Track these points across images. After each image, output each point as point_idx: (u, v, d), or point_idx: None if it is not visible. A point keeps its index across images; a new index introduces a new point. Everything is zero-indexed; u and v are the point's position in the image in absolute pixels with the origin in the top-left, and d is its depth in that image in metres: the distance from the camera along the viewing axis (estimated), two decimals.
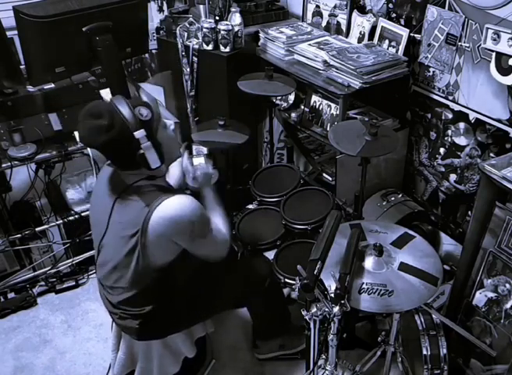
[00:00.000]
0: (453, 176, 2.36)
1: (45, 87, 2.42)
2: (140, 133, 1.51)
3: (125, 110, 1.50)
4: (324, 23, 2.69)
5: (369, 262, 1.61)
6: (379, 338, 1.88)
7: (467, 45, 2.06)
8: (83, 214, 2.62)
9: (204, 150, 2.74)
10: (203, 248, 1.67)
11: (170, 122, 1.71)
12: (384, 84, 2.22)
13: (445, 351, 1.83)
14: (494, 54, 1.94)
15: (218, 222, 1.76)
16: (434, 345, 1.84)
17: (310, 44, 2.45)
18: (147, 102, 1.61)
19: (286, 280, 2.04)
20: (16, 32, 2.17)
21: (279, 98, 2.69)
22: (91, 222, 1.78)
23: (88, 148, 2.46)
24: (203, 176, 1.87)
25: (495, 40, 1.91)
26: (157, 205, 1.53)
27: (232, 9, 2.59)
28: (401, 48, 2.28)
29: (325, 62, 2.31)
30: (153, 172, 1.62)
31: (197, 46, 2.67)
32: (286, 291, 2.31)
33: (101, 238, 1.67)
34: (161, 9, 3.65)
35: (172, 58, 2.80)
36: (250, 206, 2.47)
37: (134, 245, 1.56)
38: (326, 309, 1.41)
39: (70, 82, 2.45)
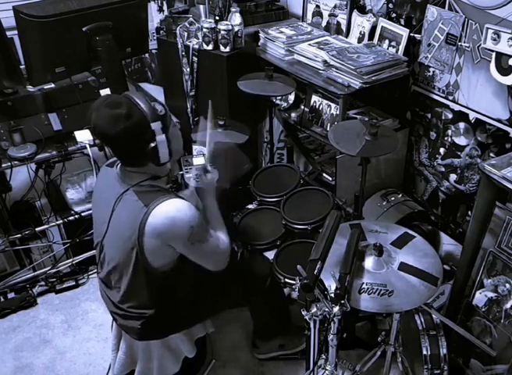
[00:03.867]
0: (453, 176, 2.36)
1: (45, 87, 2.42)
2: (157, 125, 1.53)
3: (142, 102, 1.53)
4: (324, 23, 2.69)
5: (369, 262, 1.61)
6: (379, 338, 1.88)
7: (467, 45, 2.06)
8: (83, 214, 2.62)
9: (205, 150, 2.74)
10: (202, 254, 1.66)
11: (176, 123, 1.72)
12: (384, 84, 2.22)
13: (445, 351, 1.84)
14: (494, 54, 1.93)
15: (219, 230, 1.75)
16: (434, 345, 1.84)
17: (310, 44, 2.45)
18: (159, 101, 1.62)
19: (286, 280, 2.04)
20: (16, 32, 2.17)
21: (279, 98, 2.69)
22: (94, 222, 1.79)
23: (88, 148, 2.46)
24: (205, 179, 1.87)
25: (495, 40, 1.91)
26: (155, 205, 1.53)
27: (232, 9, 2.59)
28: (401, 48, 2.28)
29: (325, 62, 2.31)
30: (158, 170, 1.63)
31: (197, 46, 2.67)
32: (286, 290, 2.31)
33: (102, 238, 1.67)
34: (161, 9, 3.65)
35: (172, 58, 2.80)
36: (250, 206, 2.47)
37: (132, 246, 1.56)
38: (326, 309, 1.41)
39: (70, 82, 2.45)
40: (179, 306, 1.77)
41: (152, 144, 1.54)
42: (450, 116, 2.26)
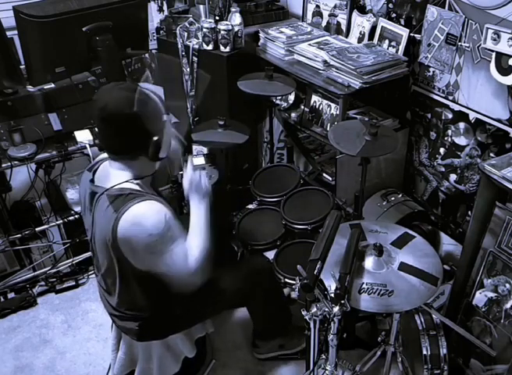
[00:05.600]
0: (453, 176, 2.36)
1: (45, 87, 2.42)
2: (168, 117, 1.54)
3: (156, 95, 1.55)
4: (324, 23, 2.69)
5: (369, 262, 1.61)
6: (379, 338, 1.88)
7: (467, 45, 2.06)
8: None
9: (205, 150, 2.74)
10: (161, 266, 1.55)
11: (176, 121, 1.71)
12: (384, 84, 2.22)
13: (445, 351, 1.83)
14: (494, 54, 1.93)
15: (193, 246, 1.60)
16: (434, 345, 1.84)
17: (310, 44, 2.45)
18: None
19: (286, 280, 2.04)
20: (16, 32, 2.17)
21: (279, 98, 2.69)
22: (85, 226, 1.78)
23: (88, 148, 2.46)
24: (194, 186, 1.71)
25: (495, 40, 1.91)
26: (124, 211, 1.49)
27: (232, 9, 2.59)
28: (401, 48, 2.28)
29: (325, 62, 2.31)
30: (146, 167, 1.61)
31: (197, 46, 2.67)
32: (286, 290, 2.31)
33: (91, 244, 1.67)
34: (161, 9, 3.65)
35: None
36: (250, 206, 2.48)
37: (113, 251, 1.54)
38: (326, 309, 1.41)
39: (70, 82, 2.45)
40: (175, 307, 1.77)
41: (156, 138, 1.51)
42: (450, 116, 2.26)
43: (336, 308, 1.40)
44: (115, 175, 1.60)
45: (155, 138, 1.52)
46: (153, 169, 1.67)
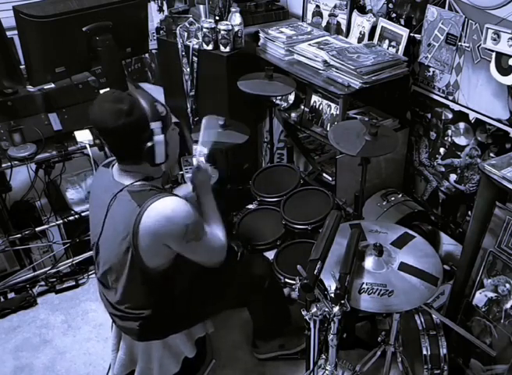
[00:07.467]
0: (453, 176, 2.36)
1: (45, 87, 2.42)
2: (156, 125, 1.54)
3: (145, 101, 1.54)
4: (324, 23, 2.69)
5: (369, 262, 1.61)
6: (379, 338, 1.88)
7: (467, 45, 2.06)
8: (83, 214, 2.62)
9: (205, 150, 2.74)
10: (197, 251, 1.66)
11: (175, 127, 1.72)
12: (384, 84, 2.22)
13: (445, 351, 1.83)
14: (494, 54, 1.93)
15: (215, 227, 1.75)
16: (434, 345, 1.84)
17: (310, 44, 2.45)
18: (161, 102, 1.62)
19: (286, 280, 2.04)
20: (16, 32, 2.17)
21: (279, 98, 2.69)
22: (90, 222, 1.79)
23: (88, 148, 2.46)
24: (200, 176, 1.87)
25: (495, 40, 1.91)
26: (148, 205, 1.52)
27: (232, 9, 2.59)
28: (401, 48, 2.28)
29: (325, 62, 2.31)
30: (151, 171, 1.63)
31: (197, 46, 2.67)
32: (286, 290, 2.31)
33: (98, 239, 1.68)
34: (161, 9, 3.65)
35: (172, 58, 2.80)
36: (250, 206, 2.47)
37: (128, 246, 1.55)
38: (326, 309, 1.41)
39: (70, 82, 2.45)
40: (177, 306, 1.77)
41: (149, 144, 1.54)
42: (450, 116, 2.26)
43: (336, 308, 1.40)
44: (126, 176, 1.63)
45: (148, 144, 1.54)
46: (160, 171, 1.69)
